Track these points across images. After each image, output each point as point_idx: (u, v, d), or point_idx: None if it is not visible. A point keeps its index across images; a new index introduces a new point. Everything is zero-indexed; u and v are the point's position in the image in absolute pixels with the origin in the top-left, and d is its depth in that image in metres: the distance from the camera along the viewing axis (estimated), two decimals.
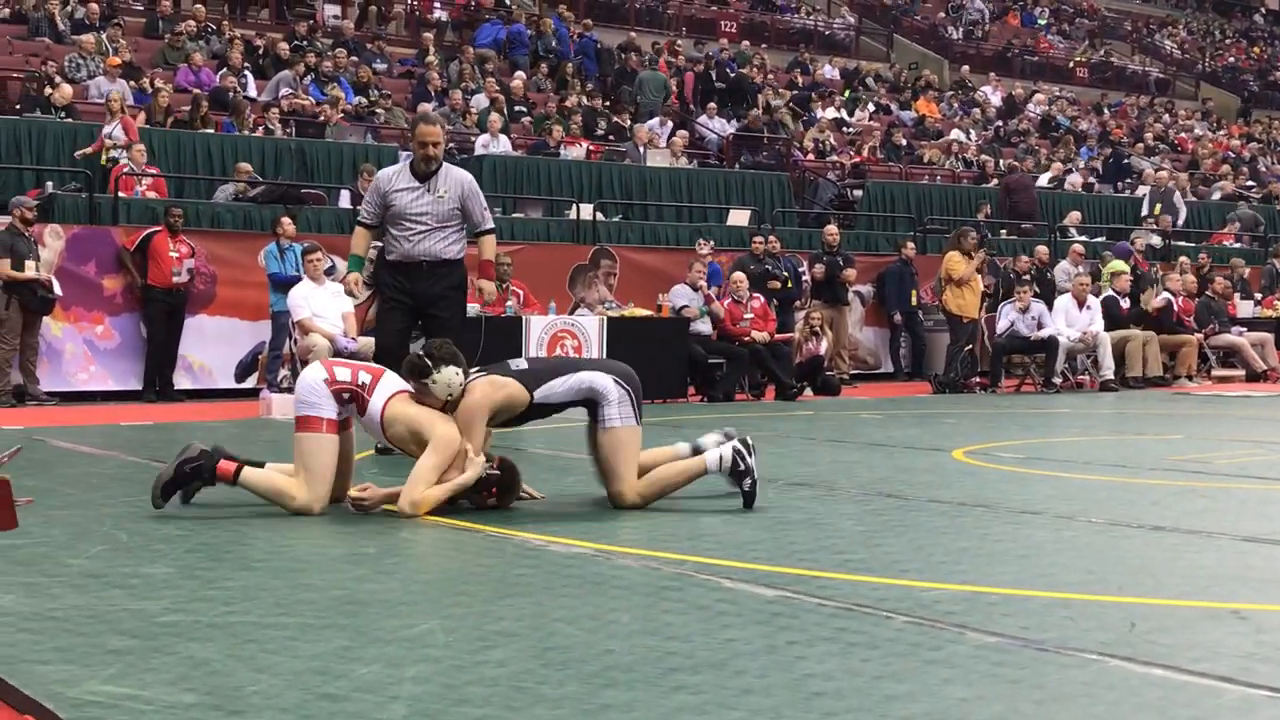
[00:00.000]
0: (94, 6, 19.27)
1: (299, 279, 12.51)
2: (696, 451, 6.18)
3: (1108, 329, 16.01)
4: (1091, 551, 5.07)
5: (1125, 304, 16.93)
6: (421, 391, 5.84)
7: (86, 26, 18.60)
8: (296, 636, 3.60)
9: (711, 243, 15.50)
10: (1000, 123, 28.21)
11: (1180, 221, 22.03)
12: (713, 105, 22.89)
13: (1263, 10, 49.78)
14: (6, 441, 8.92)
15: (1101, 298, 16.55)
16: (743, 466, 5.85)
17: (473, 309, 12.98)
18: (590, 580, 4.40)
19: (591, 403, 5.92)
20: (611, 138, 20.28)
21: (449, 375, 5.78)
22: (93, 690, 3.09)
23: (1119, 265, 17.43)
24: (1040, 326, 15.40)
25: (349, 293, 8.62)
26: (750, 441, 5.89)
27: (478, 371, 6.01)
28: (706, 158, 21.27)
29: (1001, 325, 15.58)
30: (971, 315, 15.47)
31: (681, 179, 18.83)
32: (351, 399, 5.84)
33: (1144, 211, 22.06)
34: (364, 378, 5.87)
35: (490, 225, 8.23)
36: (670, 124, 21.14)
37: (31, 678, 3.17)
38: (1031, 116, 29.00)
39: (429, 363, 5.79)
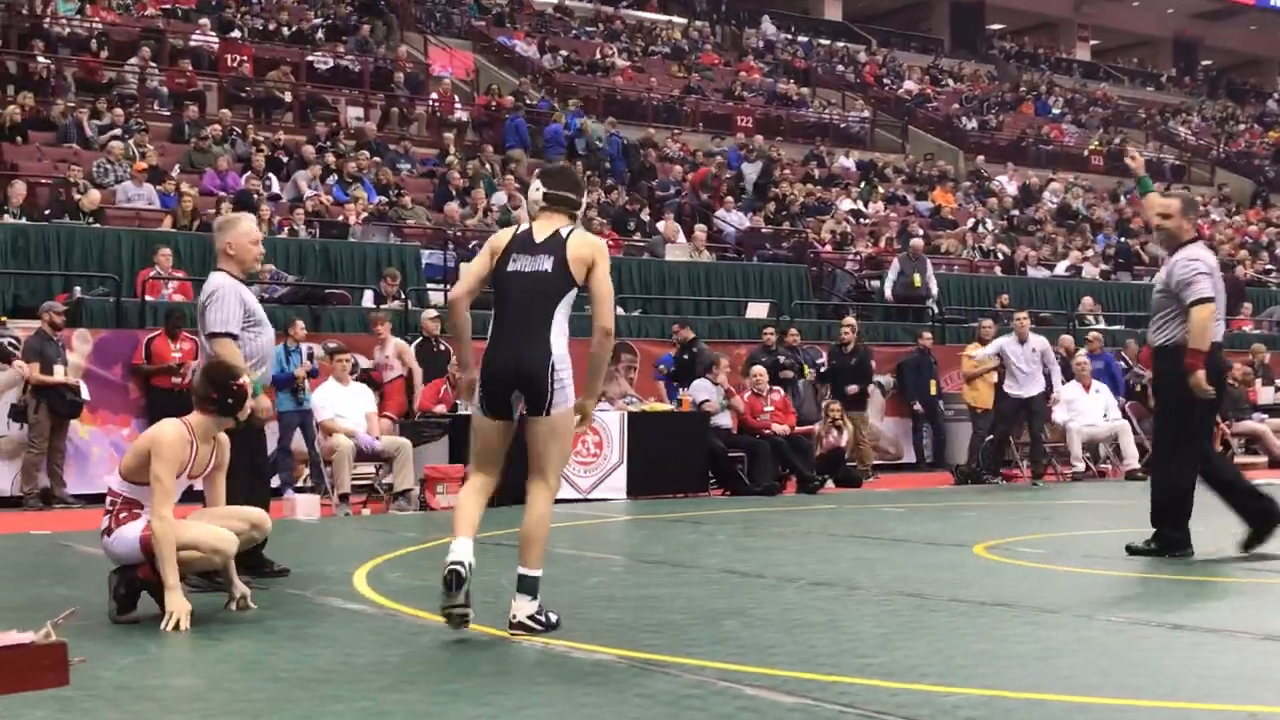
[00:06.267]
0: (120, 112, 19.67)
1: (293, 378, 12.52)
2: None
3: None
4: (1109, 652, 5.09)
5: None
6: None
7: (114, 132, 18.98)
8: None
9: (687, 329, 15.61)
10: (1016, 211, 28.42)
11: (933, 292, 19.82)
12: (730, 199, 23.16)
13: (1276, 96, 50.22)
14: (34, 545, 9.03)
15: None
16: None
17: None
18: (613, 688, 4.44)
19: None
20: (636, 235, 20.52)
21: None
22: None
23: None
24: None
25: None
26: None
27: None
28: (725, 251, 21.47)
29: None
30: (985, 405, 15.55)
31: (700, 273, 19.02)
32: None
33: (889, 284, 19.61)
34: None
35: None
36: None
37: None
38: (1048, 205, 29.22)
39: None
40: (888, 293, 19.60)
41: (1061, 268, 23.80)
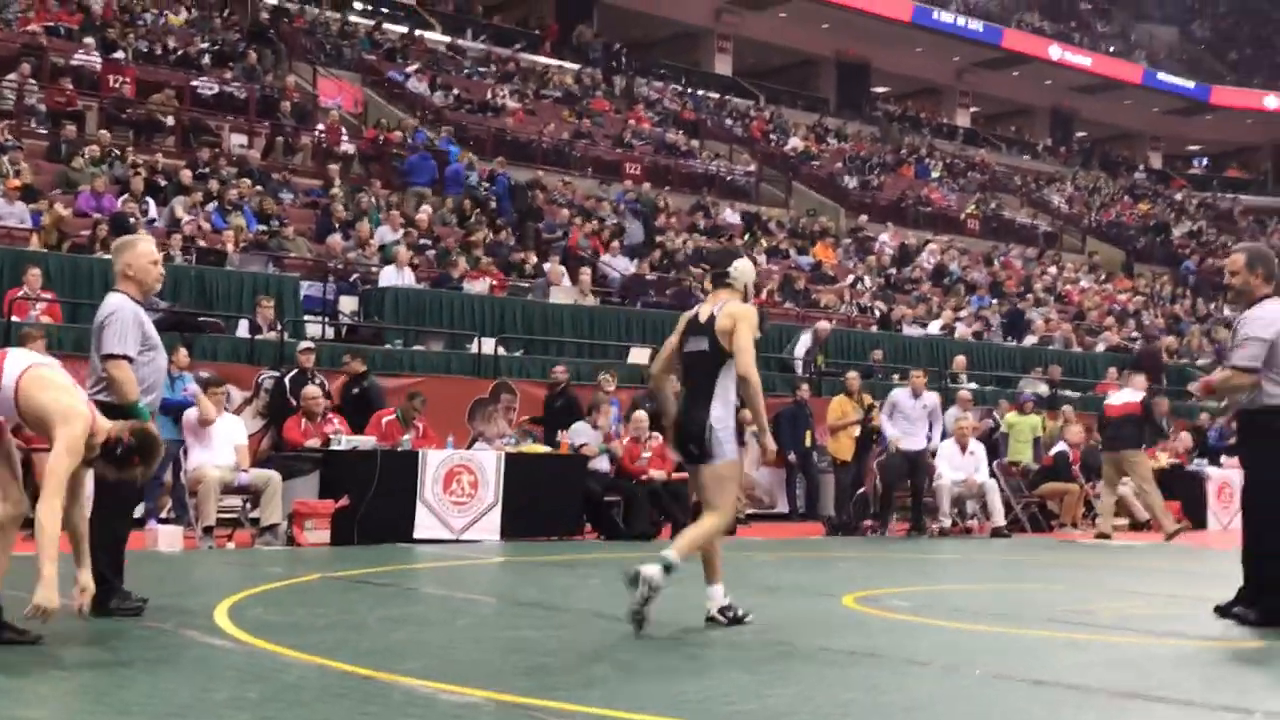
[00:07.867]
0: None
1: (180, 406, 12.22)
2: None
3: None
4: (974, 706, 5.14)
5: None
6: None
7: None
8: None
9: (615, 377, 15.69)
10: (894, 270, 28.92)
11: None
12: (616, 244, 23.24)
13: (1144, 168, 51.97)
14: None
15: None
16: None
17: (369, 440, 12.93)
18: None
19: None
20: (511, 276, 20.47)
21: None
22: None
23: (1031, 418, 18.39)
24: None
25: None
26: None
27: None
28: (609, 295, 21.50)
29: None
30: (846, 457, 15.81)
31: (584, 316, 19.03)
32: None
33: (800, 353, 20.23)
34: None
35: None
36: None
37: None
38: (924, 265, 29.79)
39: None
40: (798, 356, 20.07)
41: (935, 327, 24.26)
